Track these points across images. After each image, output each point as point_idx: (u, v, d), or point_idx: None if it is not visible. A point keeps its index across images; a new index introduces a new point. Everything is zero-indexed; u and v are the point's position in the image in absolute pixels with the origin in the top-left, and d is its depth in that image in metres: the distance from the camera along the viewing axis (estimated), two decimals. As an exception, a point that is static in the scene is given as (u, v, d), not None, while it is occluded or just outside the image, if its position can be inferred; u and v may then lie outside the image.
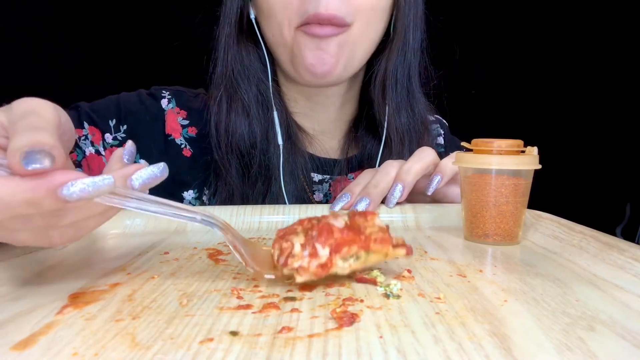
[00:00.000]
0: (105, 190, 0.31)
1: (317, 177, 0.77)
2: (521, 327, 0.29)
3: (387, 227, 0.39)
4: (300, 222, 0.39)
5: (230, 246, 0.38)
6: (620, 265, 0.40)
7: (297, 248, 0.36)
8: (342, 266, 0.36)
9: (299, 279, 0.36)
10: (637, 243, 0.44)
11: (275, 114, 0.71)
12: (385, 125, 0.74)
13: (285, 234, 0.38)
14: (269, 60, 0.72)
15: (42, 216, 0.32)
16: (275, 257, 0.37)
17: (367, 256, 0.37)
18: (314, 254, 0.36)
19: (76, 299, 0.34)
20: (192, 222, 0.37)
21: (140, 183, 0.35)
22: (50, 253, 0.44)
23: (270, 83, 0.72)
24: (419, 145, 0.75)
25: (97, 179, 0.30)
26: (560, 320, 0.30)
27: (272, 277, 0.37)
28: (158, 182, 0.36)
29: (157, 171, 0.36)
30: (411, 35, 0.72)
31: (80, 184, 0.30)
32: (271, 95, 0.72)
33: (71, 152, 0.69)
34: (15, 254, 0.41)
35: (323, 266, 0.36)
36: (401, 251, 0.38)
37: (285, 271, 0.36)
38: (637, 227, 1.78)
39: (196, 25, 0.75)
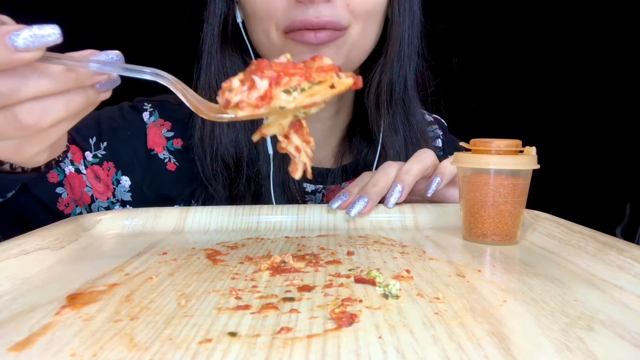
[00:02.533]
0: (52, 38, 0.33)
1: (309, 187, 0.75)
2: (520, 327, 0.29)
3: (339, 67, 0.39)
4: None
5: (180, 96, 0.39)
6: (619, 265, 0.40)
7: (236, 83, 0.37)
8: (286, 99, 0.36)
9: (241, 113, 0.36)
10: (637, 243, 0.44)
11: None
12: (380, 139, 0.72)
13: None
14: None
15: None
16: (220, 99, 0.38)
17: (312, 87, 0.37)
18: (252, 87, 0.36)
19: (74, 299, 0.34)
20: (142, 76, 0.38)
21: (98, 63, 0.37)
22: (49, 253, 0.44)
23: None
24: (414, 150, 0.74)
25: (43, 26, 0.33)
26: (560, 320, 0.30)
27: (227, 116, 0.38)
28: (116, 67, 0.37)
29: (114, 55, 0.37)
30: (406, 44, 0.70)
31: (27, 31, 0.32)
32: None
33: (51, 172, 0.67)
34: (13, 254, 0.41)
35: (263, 98, 0.36)
36: (348, 80, 0.38)
37: (230, 112, 0.37)
38: (637, 227, 1.78)
39: (185, 28, 0.74)
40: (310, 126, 0.74)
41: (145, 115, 0.74)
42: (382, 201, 0.60)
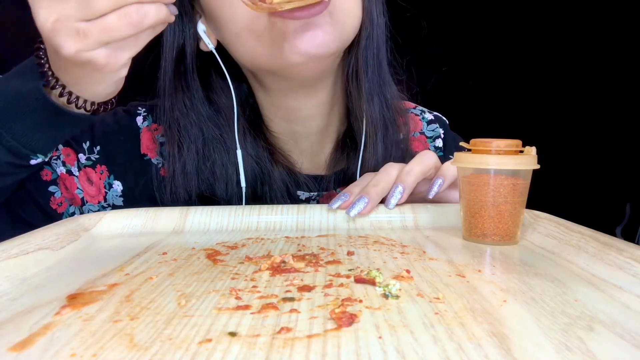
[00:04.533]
0: None
1: (303, 195, 0.74)
2: (520, 327, 0.29)
3: None
4: None
5: None
6: (619, 265, 0.40)
7: None
8: None
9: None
10: (637, 243, 0.44)
11: (239, 153, 0.69)
12: (365, 116, 0.70)
13: None
14: (234, 92, 0.68)
15: None
16: None
17: None
18: None
19: (74, 299, 0.34)
20: None
21: None
22: (49, 253, 0.44)
23: (237, 117, 0.69)
24: (394, 135, 0.73)
25: None
26: (559, 320, 0.30)
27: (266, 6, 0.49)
28: None
29: None
30: (375, 14, 0.68)
31: None
32: (235, 131, 0.69)
33: (44, 170, 0.67)
34: (13, 254, 0.41)
35: None
36: None
37: (265, 5, 0.49)
38: (637, 227, 1.78)
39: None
40: (303, 132, 0.74)
41: (139, 119, 0.74)
42: (383, 202, 0.60)
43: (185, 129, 0.68)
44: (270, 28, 0.59)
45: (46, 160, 0.61)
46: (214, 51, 0.67)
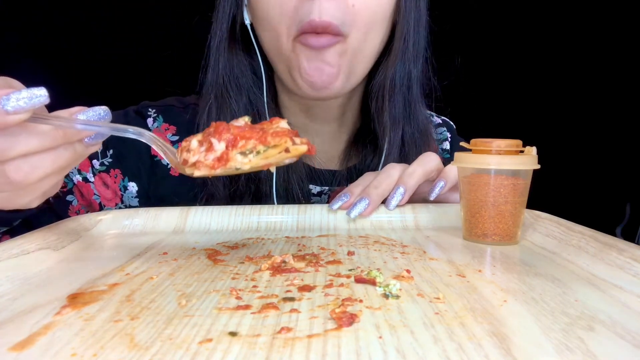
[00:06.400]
0: (40, 100, 0.35)
1: (315, 188, 0.75)
2: (520, 327, 0.29)
3: (296, 132, 0.40)
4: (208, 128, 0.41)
5: (160, 152, 0.41)
6: (620, 265, 0.40)
7: (194, 144, 0.39)
8: (241, 161, 0.38)
9: (197, 172, 0.38)
10: (637, 243, 0.44)
11: None
12: (386, 144, 0.72)
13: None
14: (264, 69, 0.70)
15: None
16: (179, 157, 0.40)
17: (267, 150, 0.39)
18: (209, 149, 0.38)
19: (75, 299, 0.34)
20: (125, 134, 0.41)
21: (84, 118, 0.39)
22: (50, 253, 0.44)
23: (265, 94, 0.70)
24: (415, 152, 0.73)
25: (32, 89, 0.35)
26: (560, 320, 0.30)
27: (193, 173, 0.39)
28: (102, 121, 0.39)
29: (102, 112, 0.39)
30: (411, 43, 0.69)
31: (16, 95, 0.34)
32: (265, 106, 0.70)
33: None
34: (14, 254, 0.41)
35: (219, 159, 0.38)
36: (302, 147, 0.39)
37: (187, 170, 0.39)
38: (637, 227, 1.77)
39: (193, 30, 0.73)
40: (316, 128, 0.75)
41: (149, 121, 0.75)
42: (383, 202, 0.60)
43: (237, 93, 0.70)
44: (292, 51, 0.63)
45: (14, 225, 0.56)
46: (249, 26, 0.69)
